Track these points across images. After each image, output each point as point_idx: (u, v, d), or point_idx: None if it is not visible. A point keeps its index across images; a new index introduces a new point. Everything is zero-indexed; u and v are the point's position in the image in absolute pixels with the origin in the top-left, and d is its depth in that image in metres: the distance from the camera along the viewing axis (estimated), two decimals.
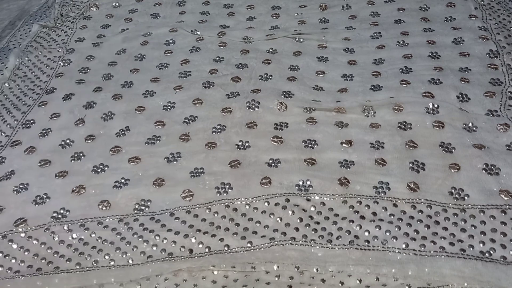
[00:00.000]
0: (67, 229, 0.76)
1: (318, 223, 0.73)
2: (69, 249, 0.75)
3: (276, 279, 0.68)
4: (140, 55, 1.10)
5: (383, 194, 0.75)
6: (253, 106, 0.92)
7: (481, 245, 0.68)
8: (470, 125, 0.84)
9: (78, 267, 0.72)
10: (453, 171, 0.77)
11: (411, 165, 0.79)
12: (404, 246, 0.69)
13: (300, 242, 0.70)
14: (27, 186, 0.84)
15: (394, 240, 0.69)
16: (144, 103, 0.97)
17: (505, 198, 0.73)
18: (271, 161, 0.82)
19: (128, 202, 0.79)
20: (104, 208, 0.78)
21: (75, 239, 0.75)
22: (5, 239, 0.77)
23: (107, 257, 0.73)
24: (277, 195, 0.77)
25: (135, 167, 0.84)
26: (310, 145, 0.84)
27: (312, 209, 0.74)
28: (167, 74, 1.03)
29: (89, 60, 1.11)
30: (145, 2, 1.29)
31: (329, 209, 0.74)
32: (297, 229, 0.72)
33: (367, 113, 0.88)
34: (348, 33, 1.10)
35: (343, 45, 1.06)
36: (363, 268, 0.67)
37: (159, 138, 0.89)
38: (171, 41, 1.13)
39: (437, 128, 0.83)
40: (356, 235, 0.71)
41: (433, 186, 0.75)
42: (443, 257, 0.67)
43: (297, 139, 0.85)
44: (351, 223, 0.72)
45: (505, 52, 0.98)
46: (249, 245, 0.71)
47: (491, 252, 0.67)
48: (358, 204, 0.74)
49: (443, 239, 0.69)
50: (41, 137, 0.92)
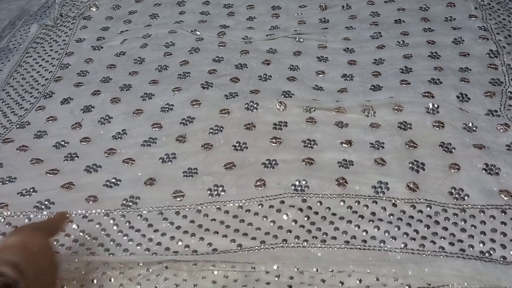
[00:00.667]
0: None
1: (314, 223, 0.73)
2: None
3: (276, 279, 0.68)
4: (139, 58, 1.09)
5: (382, 194, 0.75)
6: (251, 108, 0.92)
7: (481, 245, 0.68)
8: (470, 125, 0.84)
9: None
10: (453, 171, 0.77)
11: (410, 165, 0.78)
12: (403, 246, 0.68)
13: (297, 242, 0.70)
14: (14, 180, 0.83)
15: (393, 240, 0.69)
16: (142, 105, 0.96)
17: (505, 198, 0.73)
18: (267, 162, 0.81)
19: (117, 199, 0.79)
20: (91, 203, 0.78)
21: None
22: None
23: (87, 251, 0.72)
24: (272, 197, 0.76)
25: (129, 168, 0.84)
26: (309, 145, 0.84)
27: (309, 209, 0.74)
28: (166, 76, 1.03)
29: (88, 63, 1.11)
30: (144, 3, 1.29)
31: (326, 208, 0.74)
32: (290, 231, 0.72)
33: (367, 113, 0.88)
34: (348, 33, 1.10)
35: (343, 45, 1.06)
36: (363, 268, 0.67)
37: (155, 140, 0.89)
38: (170, 43, 1.12)
39: (437, 128, 0.83)
40: (354, 235, 0.71)
41: (433, 186, 0.75)
42: (442, 257, 0.67)
43: (296, 139, 0.85)
44: (349, 223, 0.72)
45: (505, 52, 0.98)
46: (238, 248, 0.70)
47: (491, 252, 0.67)
48: (356, 204, 0.74)
49: (443, 239, 0.69)
50: (35, 138, 0.92)
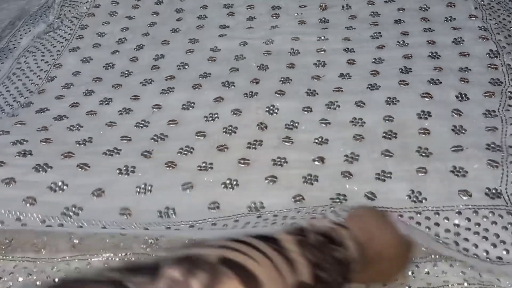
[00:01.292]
0: None
1: None
2: None
3: None
4: (127, 71, 1.06)
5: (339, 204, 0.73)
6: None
7: (480, 245, 0.68)
8: (460, 128, 0.83)
9: None
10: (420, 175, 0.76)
11: (377, 175, 0.76)
12: None
13: None
14: None
15: None
16: (117, 120, 0.93)
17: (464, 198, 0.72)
18: (228, 182, 0.78)
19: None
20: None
21: None
22: None
23: None
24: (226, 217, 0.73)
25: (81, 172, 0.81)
26: (279, 162, 0.81)
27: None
28: (147, 91, 1.00)
29: (75, 75, 1.08)
30: (142, 9, 1.28)
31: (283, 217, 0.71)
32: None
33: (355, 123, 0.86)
34: (348, 33, 1.10)
35: (343, 45, 1.06)
36: None
37: (118, 151, 0.85)
38: (160, 55, 1.10)
39: (424, 135, 0.82)
40: None
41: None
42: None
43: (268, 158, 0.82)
44: None
45: (505, 52, 0.98)
46: None
47: (491, 252, 0.67)
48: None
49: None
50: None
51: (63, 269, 0.71)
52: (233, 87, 0.97)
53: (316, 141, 0.84)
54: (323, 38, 1.09)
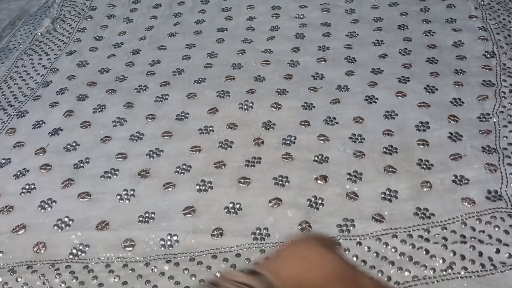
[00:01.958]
0: None
1: None
2: None
3: None
4: (122, 76, 1.07)
5: (346, 233, 0.72)
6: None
7: (479, 251, 0.68)
8: (456, 134, 0.83)
9: None
10: (425, 189, 0.76)
11: (382, 195, 0.76)
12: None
13: None
14: None
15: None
16: (111, 132, 0.93)
17: (468, 206, 0.73)
18: (231, 206, 0.78)
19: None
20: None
21: None
22: None
23: None
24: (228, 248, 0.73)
25: (84, 203, 0.81)
26: (281, 182, 0.81)
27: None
28: (141, 98, 1.00)
29: (70, 80, 1.08)
30: (139, 12, 1.28)
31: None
32: None
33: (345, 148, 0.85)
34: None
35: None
36: None
37: (115, 171, 0.85)
38: (156, 61, 1.10)
39: (422, 146, 0.82)
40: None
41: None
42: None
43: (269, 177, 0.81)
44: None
45: (501, 52, 0.98)
46: None
47: (495, 258, 0.67)
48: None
49: (433, 257, 0.68)
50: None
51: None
52: (228, 97, 0.97)
53: (316, 158, 0.83)
54: (323, 37, 1.09)
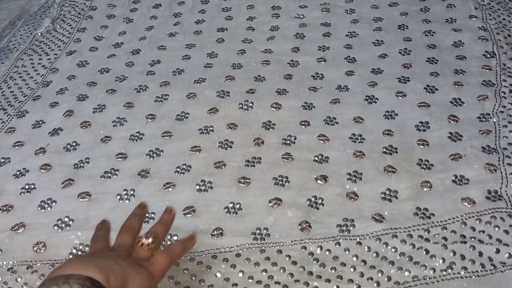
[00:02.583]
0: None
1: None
2: None
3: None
4: (122, 76, 1.07)
5: (346, 233, 0.71)
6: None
7: (479, 251, 0.68)
8: (456, 134, 0.83)
9: None
10: (425, 189, 0.76)
11: (382, 195, 0.76)
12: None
13: None
14: None
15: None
16: (111, 132, 0.93)
17: (468, 206, 0.73)
18: (231, 206, 0.77)
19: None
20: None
21: None
22: None
23: None
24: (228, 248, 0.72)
25: (84, 203, 0.81)
26: (281, 182, 0.80)
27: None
28: (140, 100, 1.00)
29: (70, 80, 1.09)
30: (139, 12, 1.28)
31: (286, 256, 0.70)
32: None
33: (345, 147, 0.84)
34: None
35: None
36: None
37: (115, 171, 0.85)
38: (156, 61, 1.10)
39: (422, 146, 0.82)
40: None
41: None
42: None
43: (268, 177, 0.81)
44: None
45: (501, 52, 0.98)
46: None
47: (495, 258, 0.67)
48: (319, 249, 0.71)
49: (433, 257, 0.68)
50: None
51: None
52: (228, 97, 0.97)
53: (316, 158, 0.83)
54: (323, 37, 1.09)
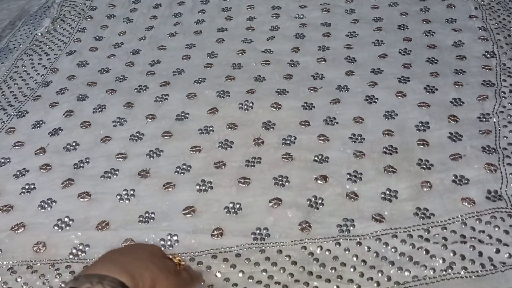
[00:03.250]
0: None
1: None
2: None
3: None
4: (122, 76, 1.07)
5: (346, 233, 0.71)
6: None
7: (479, 251, 0.68)
8: (456, 134, 0.83)
9: None
10: (425, 189, 0.76)
11: (382, 195, 0.76)
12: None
13: None
14: None
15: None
16: (111, 132, 0.93)
17: (468, 206, 0.73)
18: (231, 206, 0.77)
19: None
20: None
21: None
22: None
23: None
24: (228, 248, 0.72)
25: (84, 203, 0.81)
26: (281, 182, 0.80)
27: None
28: (140, 100, 1.00)
29: (70, 80, 1.09)
30: (139, 12, 1.28)
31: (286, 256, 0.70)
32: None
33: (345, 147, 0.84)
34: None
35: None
36: None
37: (115, 171, 0.85)
38: (156, 61, 1.10)
39: (422, 146, 0.82)
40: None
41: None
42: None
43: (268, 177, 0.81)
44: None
45: (501, 52, 0.98)
46: None
47: (495, 258, 0.67)
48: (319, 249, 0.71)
49: (433, 257, 0.68)
50: None
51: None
52: (228, 97, 0.97)
53: (316, 158, 0.83)
54: (323, 37, 1.09)
